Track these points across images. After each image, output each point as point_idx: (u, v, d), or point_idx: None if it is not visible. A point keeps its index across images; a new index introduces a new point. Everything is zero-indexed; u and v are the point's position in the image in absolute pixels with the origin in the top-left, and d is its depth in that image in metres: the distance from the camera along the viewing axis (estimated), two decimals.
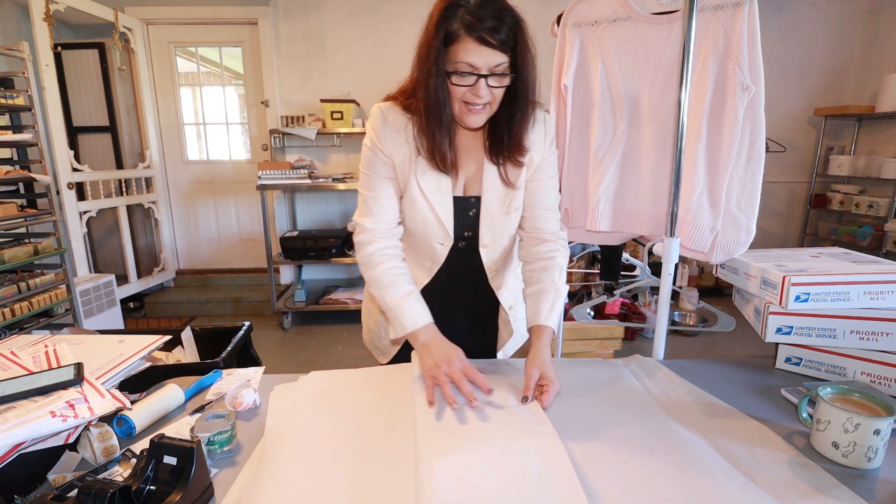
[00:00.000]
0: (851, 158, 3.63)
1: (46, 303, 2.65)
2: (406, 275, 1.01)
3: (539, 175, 1.04)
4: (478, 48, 0.82)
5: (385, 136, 0.97)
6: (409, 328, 0.96)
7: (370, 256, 1.00)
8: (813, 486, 0.69)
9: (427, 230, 1.03)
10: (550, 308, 1.00)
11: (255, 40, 3.82)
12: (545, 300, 1.00)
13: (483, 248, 1.06)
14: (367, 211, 1.01)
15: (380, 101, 1.01)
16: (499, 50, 0.83)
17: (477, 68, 0.84)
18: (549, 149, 1.03)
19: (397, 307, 0.97)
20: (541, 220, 1.06)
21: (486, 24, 0.81)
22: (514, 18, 0.84)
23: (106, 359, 0.93)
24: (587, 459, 0.75)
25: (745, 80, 1.09)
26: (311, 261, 3.57)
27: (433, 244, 1.04)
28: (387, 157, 0.98)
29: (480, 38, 0.81)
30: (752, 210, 1.18)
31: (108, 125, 3.85)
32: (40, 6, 2.88)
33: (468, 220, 1.04)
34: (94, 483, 0.59)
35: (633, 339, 3.23)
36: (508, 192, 1.01)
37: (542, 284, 1.02)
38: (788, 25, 3.75)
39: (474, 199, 1.02)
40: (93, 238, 3.89)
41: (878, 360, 0.96)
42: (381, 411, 0.88)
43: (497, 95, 0.89)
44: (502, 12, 0.82)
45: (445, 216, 1.00)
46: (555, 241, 1.06)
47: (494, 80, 0.86)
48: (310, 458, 0.75)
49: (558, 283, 1.02)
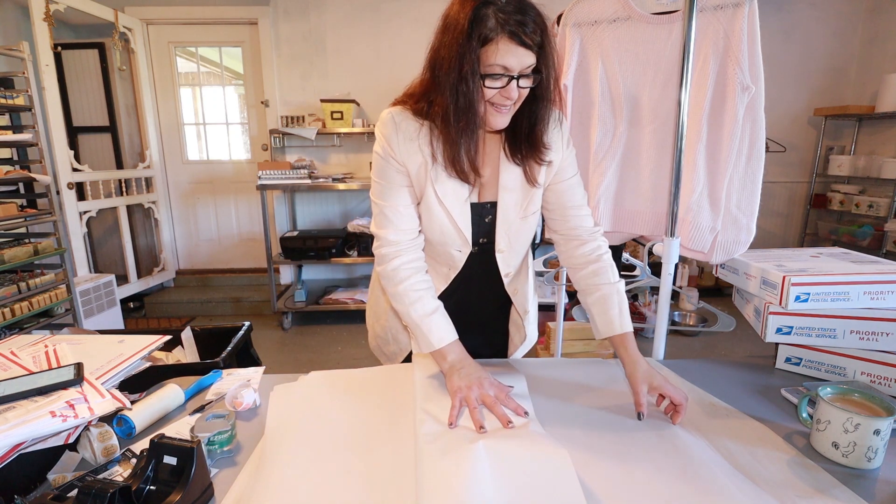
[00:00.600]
0: (851, 158, 3.63)
1: (46, 303, 2.64)
2: (431, 289, 0.98)
3: (562, 175, 1.02)
4: (514, 49, 0.80)
5: (398, 144, 0.93)
6: (436, 345, 0.93)
7: (395, 271, 0.96)
8: (813, 486, 0.69)
9: (445, 237, 1.00)
10: (620, 312, 0.96)
11: (255, 40, 3.82)
12: (612, 306, 0.97)
13: (499, 254, 1.03)
14: (386, 222, 0.96)
15: (388, 105, 0.97)
16: (532, 50, 0.81)
17: (510, 70, 0.82)
18: (566, 148, 1.02)
19: (424, 324, 0.94)
20: (575, 219, 1.04)
21: (522, 25, 0.79)
22: (541, 17, 0.82)
23: (106, 359, 0.93)
24: (587, 459, 0.75)
25: (745, 80, 1.09)
26: (311, 261, 3.57)
27: (451, 251, 1.02)
28: (401, 165, 0.94)
29: (518, 39, 0.79)
30: (752, 210, 1.18)
31: (108, 125, 3.85)
32: (40, 6, 2.88)
33: (484, 226, 1.01)
34: (94, 483, 0.59)
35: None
36: (525, 196, 0.99)
37: (602, 290, 0.99)
38: (788, 25, 3.75)
39: (490, 204, 1.00)
40: (93, 238, 3.89)
41: (878, 360, 0.96)
42: (381, 411, 0.88)
43: (523, 95, 0.87)
44: (533, 12, 0.81)
45: (464, 223, 0.98)
46: (595, 240, 1.03)
47: (525, 80, 0.84)
48: (310, 458, 0.75)
49: (616, 283, 1.00)
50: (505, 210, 0.99)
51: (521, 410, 0.84)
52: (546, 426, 0.83)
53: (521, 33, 0.79)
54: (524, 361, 1.11)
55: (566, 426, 0.84)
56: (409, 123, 0.93)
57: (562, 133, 1.00)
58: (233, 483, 0.72)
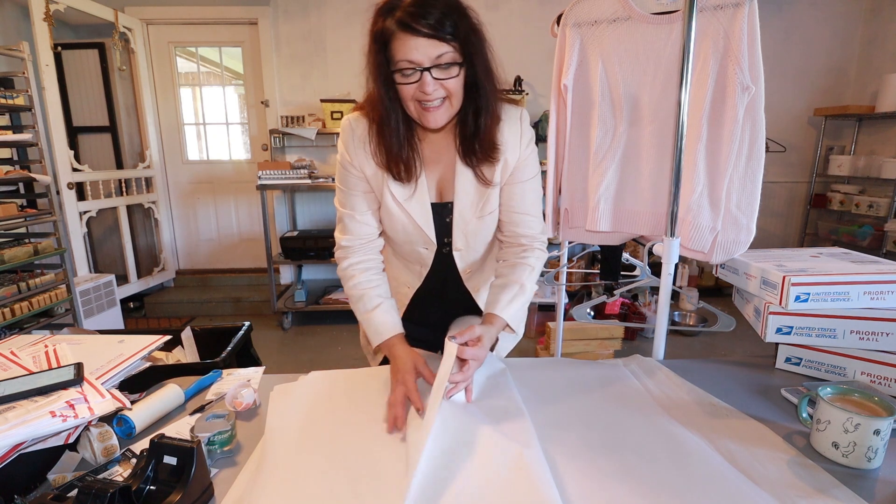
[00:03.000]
0: (851, 158, 3.63)
1: (46, 303, 2.65)
2: (378, 287, 1.01)
3: (517, 177, 1.00)
4: (411, 39, 0.78)
5: (355, 150, 0.96)
6: (374, 341, 0.97)
7: (344, 272, 1.02)
8: (813, 486, 0.69)
9: (410, 237, 1.01)
10: (509, 301, 0.97)
11: (255, 40, 3.82)
12: (506, 293, 0.98)
13: (457, 252, 1.04)
14: (344, 228, 1.02)
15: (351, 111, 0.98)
16: (436, 39, 0.79)
17: (417, 62, 0.80)
18: (526, 148, 0.98)
19: (365, 320, 0.99)
20: (519, 224, 1.02)
21: (417, 15, 0.77)
22: (449, 4, 0.79)
23: (106, 359, 0.93)
24: (587, 460, 0.75)
25: (745, 80, 1.09)
26: (311, 261, 3.57)
27: (419, 249, 1.04)
28: (358, 171, 0.97)
29: (409, 27, 0.78)
30: (752, 210, 1.18)
31: (108, 125, 3.85)
32: (40, 6, 2.88)
33: (445, 226, 1.02)
34: (94, 483, 0.59)
35: (633, 339, 3.24)
36: (481, 195, 0.98)
37: (506, 279, 1.00)
38: (788, 25, 3.75)
39: (450, 204, 1.00)
40: (93, 238, 3.89)
41: (878, 360, 0.95)
42: (380, 411, 0.88)
43: (452, 89, 0.84)
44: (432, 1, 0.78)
45: (424, 222, 0.99)
46: (531, 247, 1.03)
47: (440, 71, 0.82)
48: (310, 458, 0.75)
49: (524, 281, 0.99)
50: (461, 210, 0.99)
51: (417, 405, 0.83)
52: (545, 426, 0.83)
53: (415, 23, 0.77)
54: (524, 362, 1.10)
55: (565, 426, 0.84)
56: (363, 129, 0.95)
57: (521, 131, 0.98)
58: (233, 483, 0.72)
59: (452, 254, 1.04)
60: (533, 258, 1.02)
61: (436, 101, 0.85)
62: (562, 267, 1.78)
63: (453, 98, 0.86)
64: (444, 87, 0.84)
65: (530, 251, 1.03)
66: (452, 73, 0.83)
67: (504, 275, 1.02)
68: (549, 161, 1.43)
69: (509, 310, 0.97)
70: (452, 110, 0.88)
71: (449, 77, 0.83)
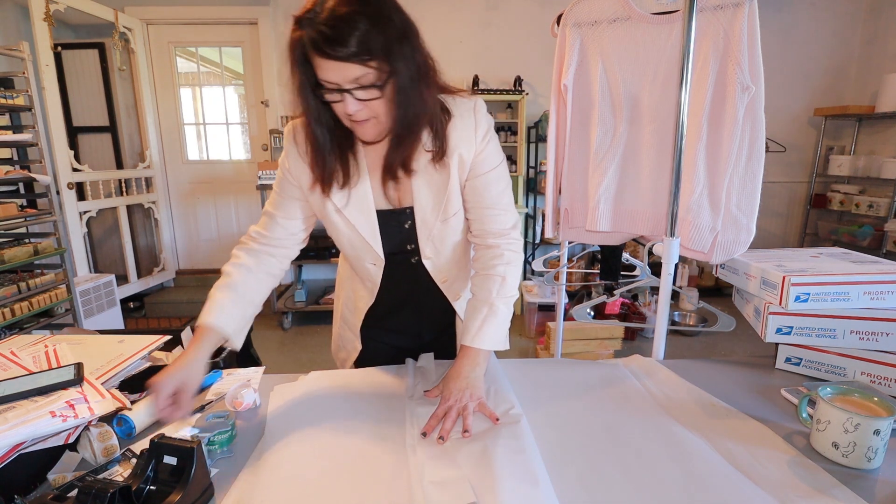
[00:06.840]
0: (851, 158, 3.63)
1: (46, 303, 2.65)
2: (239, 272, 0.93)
3: (477, 170, 0.93)
4: (327, 63, 0.72)
5: (293, 159, 0.92)
6: (200, 318, 0.88)
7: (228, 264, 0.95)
8: (813, 486, 0.69)
9: (357, 251, 0.98)
10: (479, 327, 0.92)
11: (255, 40, 3.82)
12: (476, 318, 0.93)
13: (427, 260, 0.99)
14: (260, 223, 0.98)
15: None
16: (354, 62, 0.71)
17: (336, 84, 0.74)
18: (482, 141, 0.91)
19: (209, 296, 0.90)
20: (486, 220, 0.96)
21: (329, 39, 0.70)
22: (369, 18, 0.71)
23: (106, 359, 0.93)
24: (587, 460, 0.75)
25: (745, 80, 1.09)
26: (311, 261, 3.57)
27: (366, 265, 0.99)
28: (294, 179, 0.93)
29: (324, 52, 0.71)
30: (752, 210, 1.18)
31: (108, 125, 3.85)
32: (40, 6, 2.88)
33: (405, 232, 0.96)
34: (94, 483, 0.59)
35: (633, 339, 3.24)
36: (440, 197, 0.92)
37: (475, 298, 0.96)
38: (788, 25, 3.76)
39: (409, 209, 0.94)
40: (93, 238, 3.89)
41: (878, 360, 0.95)
42: (380, 411, 0.88)
43: (377, 109, 0.78)
44: (348, 19, 0.70)
45: (370, 234, 0.94)
46: (500, 250, 0.96)
47: (363, 92, 0.74)
48: (309, 458, 0.75)
49: (493, 299, 0.93)
50: (422, 214, 0.94)
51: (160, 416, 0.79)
52: (545, 426, 0.83)
53: (329, 48, 0.70)
54: (524, 362, 1.10)
55: (565, 426, 0.84)
56: (303, 137, 0.89)
57: (476, 123, 0.90)
58: (233, 483, 0.72)
59: (423, 263, 0.99)
60: (502, 265, 0.95)
61: (362, 119, 0.80)
62: (562, 267, 1.78)
63: (380, 116, 0.80)
64: (368, 108, 0.78)
65: (499, 257, 0.96)
66: (374, 94, 0.76)
67: (475, 291, 0.97)
68: (549, 161, 1.43)
69: (481, 336, 0.91)
70: (381, 126, 0.82)
71: (370, 98, 0.76)
